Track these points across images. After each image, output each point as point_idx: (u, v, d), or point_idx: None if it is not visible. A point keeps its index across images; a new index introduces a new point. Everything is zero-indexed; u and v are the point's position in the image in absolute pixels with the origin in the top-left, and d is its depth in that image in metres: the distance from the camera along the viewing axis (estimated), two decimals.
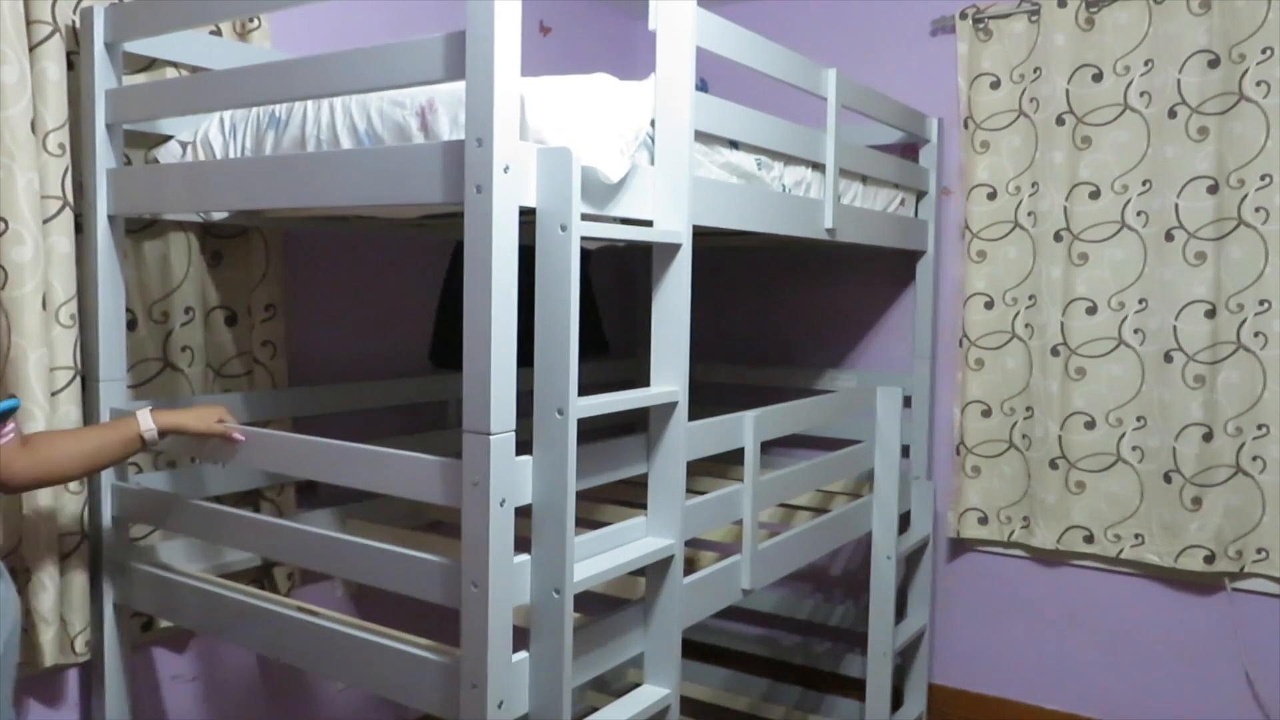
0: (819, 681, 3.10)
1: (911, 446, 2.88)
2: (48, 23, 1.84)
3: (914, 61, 2.96)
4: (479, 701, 1.43)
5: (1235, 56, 2.47)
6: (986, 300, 2.84)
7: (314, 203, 1.62)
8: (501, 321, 1.39)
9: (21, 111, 1.79)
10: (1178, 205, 2.55)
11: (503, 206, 1.37)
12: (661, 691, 1.79)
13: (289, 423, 2.30)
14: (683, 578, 1.78)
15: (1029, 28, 2.72)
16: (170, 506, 1.91)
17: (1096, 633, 2.81)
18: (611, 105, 1.61)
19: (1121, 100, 2.62)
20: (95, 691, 2.02)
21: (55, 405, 1.87)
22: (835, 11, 3.08)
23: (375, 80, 1.52)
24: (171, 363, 2.15)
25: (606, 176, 1.56)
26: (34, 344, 1.81)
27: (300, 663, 1.76)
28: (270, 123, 1.78)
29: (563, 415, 1.48)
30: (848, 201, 2.37)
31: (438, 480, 1.48)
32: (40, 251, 1.83)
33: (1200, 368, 2.55)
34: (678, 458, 1.73)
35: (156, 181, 1.89)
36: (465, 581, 1.43)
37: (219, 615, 1.83)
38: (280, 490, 2.30)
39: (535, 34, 2.98)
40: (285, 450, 1.71)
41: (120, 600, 1.98)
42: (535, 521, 1.51)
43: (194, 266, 2.17)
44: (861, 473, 2.54)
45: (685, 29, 1.67)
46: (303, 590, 2.40)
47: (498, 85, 1.35)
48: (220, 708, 2.35)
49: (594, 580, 1.60)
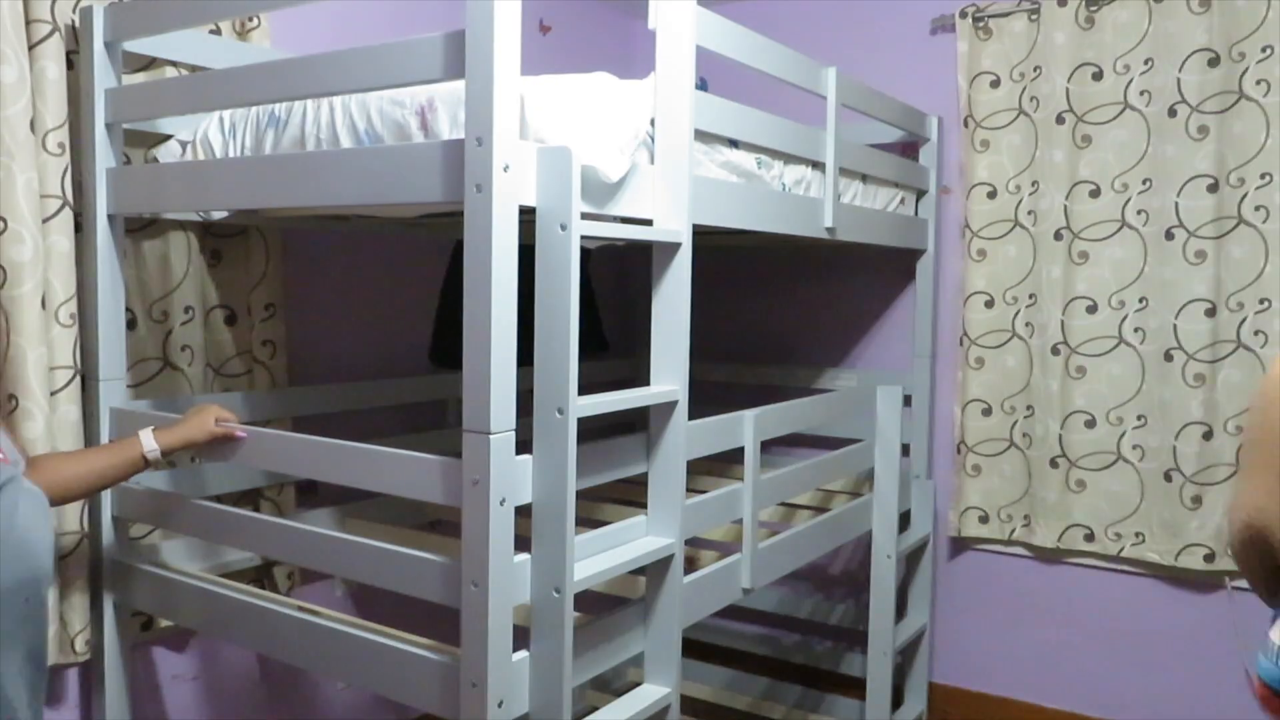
0: (819, 680, 3.10)
1: (912, 445, 2.88)
2: (47, 22, 1.84)
3: (914, 60, 2.96)
4: (479, 701, 1.43)
5: (1235, 55, 2.47)
6: (987, 299, 2.84)
7: (314, 202, 1.62)
8: (501, 321, 1.39)
9: (21, 111, 1.79)
10: (1178, 204, 2.55)
11: (502, 206, 1.37)
12: (661, 691, 1.79)
13: (289, 422, 2.29)
14: (683, 577, 1.78)
15: (1029, 26, 2.72)
16: (170, 506, 1.91)
17: (1097, 631, 2.81)
18: (611, 104, 1.60)
19: (1121, 99, 2.62)
20: (95, 691, 2.02)
21: (55, 405, 1.87)
22: (835, 11, 3.08)
23: (375, 80, 1.52)
24: (171, 362, 2.15)
25: (606, 176, 1.56)
26: (33, 343, 1.81)
27: (300, 662, 1.76)
28: (270, 122, 1.78)
29: (563, 415, 1.47)
30: (848, 200, 2.37)
31: (438, 480, 1.48)
32: (40, 251, 1.83)
33: (1200, 366, 2.55)
34: (678, 457, 1.73)
35: (156, 181, 1.89)
36: (465, 581, 1.43)
37: (219, 615, 1.83)
38: (280, 490, 2.30)
39: (535, 33, 2.97)
40: (285, 450, 1.71)
41: (120, 600, 1.98)
42: (535, 521, 1.51)
43: (194, 266, 2.17)
44: (861, 472, 2.54)
45: (685, 28, 1.67)
46: (303, 590, 2.40)
47: (497, 84, 1.35)
48: (220, 708, 2.35)
49: (594, 580, 1.60)
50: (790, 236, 2.14)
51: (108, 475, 1.70)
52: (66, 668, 2.03)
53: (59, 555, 1.90)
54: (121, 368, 1.96)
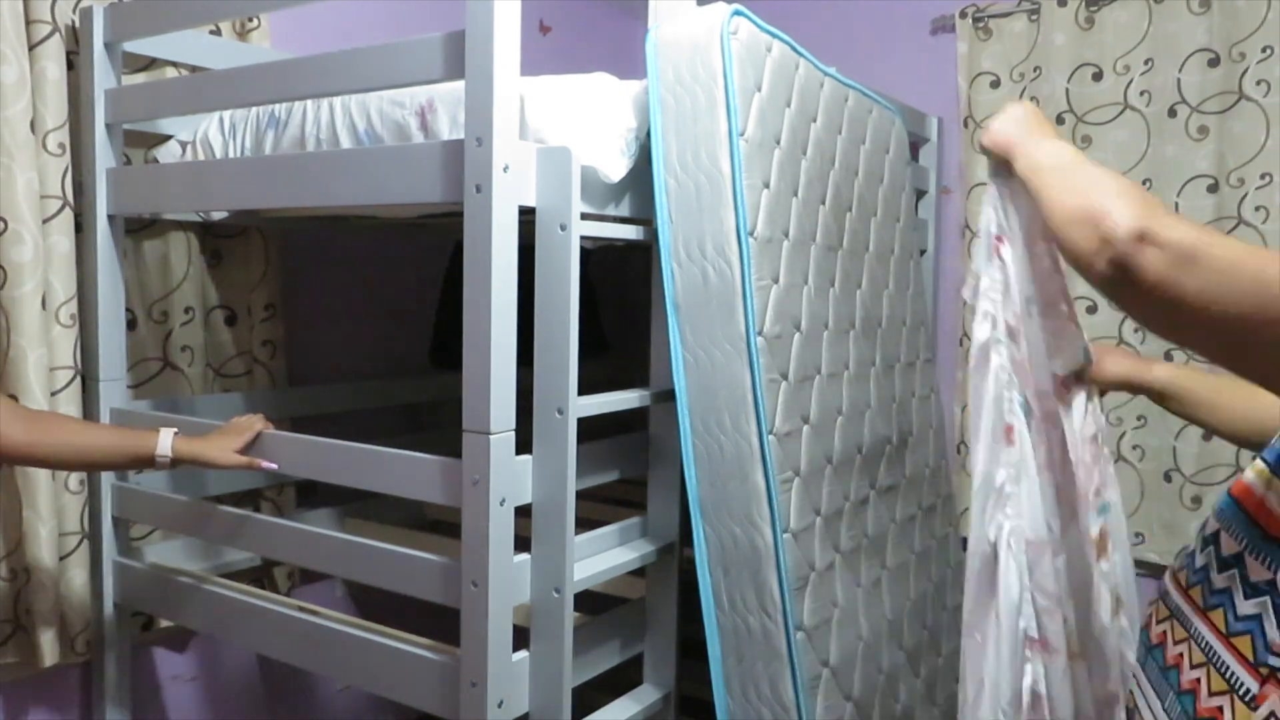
0: None
1: None
2: (47, 22, 1.84)
3: (914, 61, 2.96)
4: (479, 701, 1.43)
5: (1235, 55, 2.47)
6: None
7: (314, 203, 1.62)
8: (501, 321, 1.39)
9: (21, 111, 1.79)
10: (1178, 204, 2.54)
11: (502, 206, 1.37)
12: (661, 691, 1.79)
13: (289, 423, 2.29)
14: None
15: (1029, 27, 2.72)
16: (170, 506, 1.91)
17: None
18: (611, 105, 1.60)
19: (1121, 99, 2.62)
20: (95, 691, 2.02)
21: (55, 405, 1.87)
22: (835, 11, 3.08)
23: (375, 80, 1.52)
24: (171, 362, 2.15)
25: (606, 176, 1.56)
26: (34, 344, 1.81)
27: (300, 663, 1.76)
28: (270, 123, 1.78)
29: (562, 415, 1.48)
30: None
31: (438, 480, 1.48)
32: (40, 251, 1.83)
33: (1200, 365, 2.54)
34: (678, 457, 1.73)
35: (156, 181, 1.89)
36: (465, 581, 1.43)
37: (219, 615, 1.83)
38: (280, 490, 2.30)
39: (535, 34, 2.98)
40: (285, 450, 1.71)
41: (120, 600, 1.98)
42: (535, 521, 1.51)
43: (194, 266, 2.17)
44: None
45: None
46: (303, 590, 2.40)
47: (497, 85, 1.35)
48: (220, 708, 2.35)
49: (594, 580, 1.60)
50: None
51: (107, 458, 1.60)
52: (66, 668, 2.03)
53: (60, 555, 1.90)
54: (122, 368, 1.96)
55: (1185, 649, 1.10)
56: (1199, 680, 1.07)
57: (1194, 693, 1.07)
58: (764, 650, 1.62)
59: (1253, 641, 1.01)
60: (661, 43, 1.60)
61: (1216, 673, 1.05)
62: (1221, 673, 1.05)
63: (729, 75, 1.54)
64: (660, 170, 1.60)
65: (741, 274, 1.55)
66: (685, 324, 1.61)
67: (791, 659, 1.60)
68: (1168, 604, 1.18)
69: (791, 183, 1.69)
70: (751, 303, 1.55)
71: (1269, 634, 1.00)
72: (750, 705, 1.65)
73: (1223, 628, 1.06)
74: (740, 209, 1.55)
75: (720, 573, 1.63)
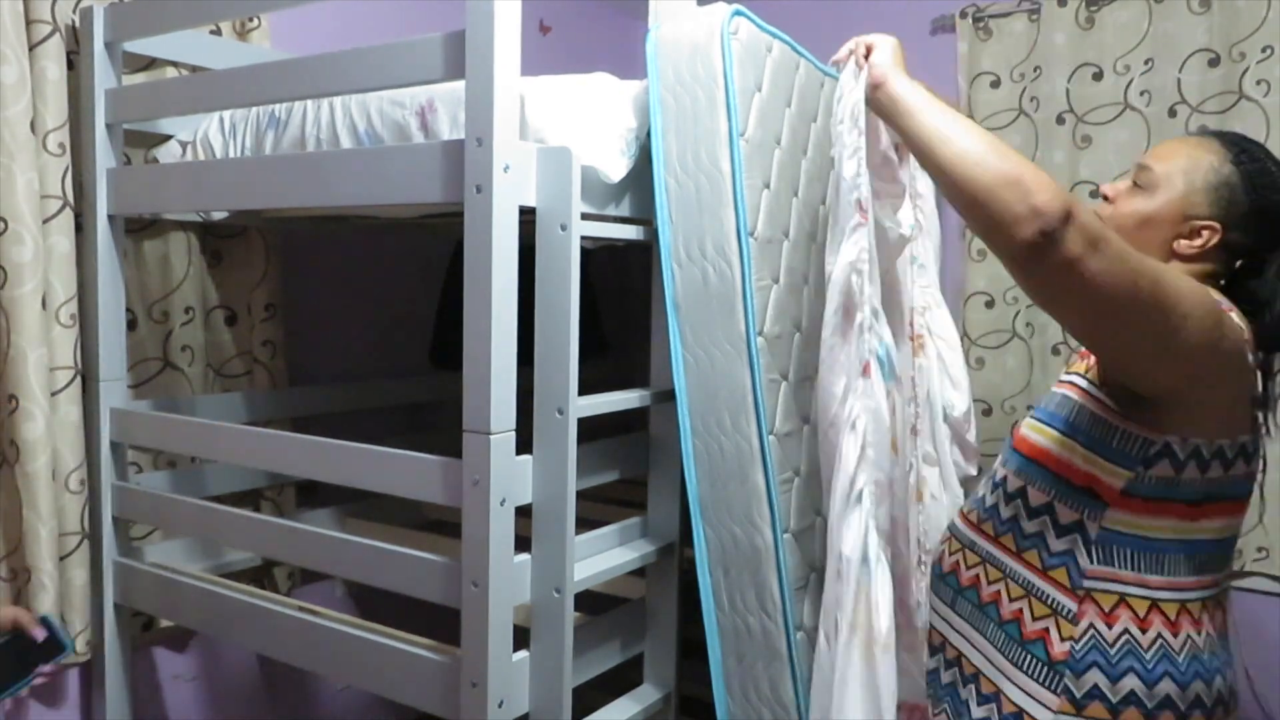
0: None
1: None
2: (47, 22, 1.84)
3: (914, 60, 2.92)
4: (479, 701, 1.43)
5: (1235, 55, 2.47)
6: (987, 299, 2.84)
7: (314, 203, 1.62)
8: (501, 321, 1.39)
9: (21, 111, 1.79)
10: None
11: (502, 206, 1.37)
12: (661, 691, 1.80)
13: (289, 423, 2.29)
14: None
15: (1029, 27, 2.72)
16: (170, 506, 1.91)
17: None
18: (612, 105, 1.60)
19: (1122, 99, 2.62)
20: (95, 691, 2.02)
21: (55, 405, 1.87)
22: (835, 11, 3.08)
23: (375, 80, 1.52)
24: (171, 362, 2.15)
25: (606, 176, 1.56)
26: (34, 344, 1.81)
27: (300, 663, 1.76)
28: (270, 123, 1.78)
29: (563, 415, 1.48)
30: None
31: (438, 480, 1.48)
32: (40, 251, 1.83)
33: None
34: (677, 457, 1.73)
35: (156, 181, 1.89)
36: (465, 581, 1.43)
37: (219, 615, 1.83)
38: (280, 490, 2.30)
39: (535, 34, 2.98)
40: (285, 450, 1.71)
41: (120, 600, 1.98)
42: (535, 521, 1.51)
43: (194, 266, 2.17)
44: None
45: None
46: (303, 590, 2.40)
47: (497, 85, 1.35)
48: (220, 708, 2.35)
49: (594, 580, 1.60)
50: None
51: None
52: (66, 668, 2.03)
53: (60, 555, 1.90)
54: (122, 368, 1.96)
55: (1002, 587, 1.34)
56: (1021, 610, 1.31)
57: (1018, 620, 1.31)
58: (764, 650, 1.62)
59: (1068, 571, 1.27)
60: (662, 43, 1.61)
61: (1038, 600, 1.30)
62: (1043, 600, 1.29)
63: (729, 75, 1.54)
64: (660, 170, 1.60)
65: (742, 274, 1.55)
66: (685, 324, 1.61)
67: (791, 659, 1.60)
68: (959, 538, 1.44)
69: (792, 183, 1.69)
70: (752, 303, 1.55)
71: (1081, 563, 1.26)
72: (750, 705, 1.65)
73: (1038, 565, 1.30)
74: (740, 209, 1.55)
75: (720, 573, 1.64)
